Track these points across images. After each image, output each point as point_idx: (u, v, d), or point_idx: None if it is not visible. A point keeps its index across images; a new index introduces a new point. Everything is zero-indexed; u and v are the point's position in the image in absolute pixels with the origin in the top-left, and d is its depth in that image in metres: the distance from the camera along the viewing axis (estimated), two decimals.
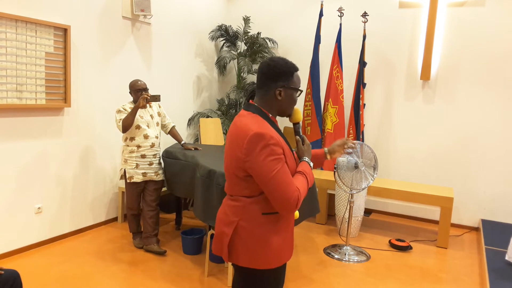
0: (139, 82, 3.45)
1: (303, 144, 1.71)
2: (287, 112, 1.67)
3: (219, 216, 1.68)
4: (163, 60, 4.79)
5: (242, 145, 1.51)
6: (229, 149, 1.60)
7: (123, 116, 3.36)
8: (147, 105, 3.52)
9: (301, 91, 1.65)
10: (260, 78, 1.63)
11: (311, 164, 1.68)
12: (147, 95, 3.31)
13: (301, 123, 1.75)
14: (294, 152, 1.71)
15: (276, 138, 1.52)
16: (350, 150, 1.87)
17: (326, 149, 1.95)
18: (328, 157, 1.94)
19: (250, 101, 1.67)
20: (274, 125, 1.62)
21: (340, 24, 4.82)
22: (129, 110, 3.41)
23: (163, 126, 3.74)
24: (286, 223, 1.65)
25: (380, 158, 5.02)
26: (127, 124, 3.31)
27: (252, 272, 1.62)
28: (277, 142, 1.51)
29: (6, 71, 3.15)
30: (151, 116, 3.53)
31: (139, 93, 3.43)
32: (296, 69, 1.63)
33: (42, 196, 3.55)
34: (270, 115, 1.63)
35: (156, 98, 3.34)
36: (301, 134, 1.73)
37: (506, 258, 3.24)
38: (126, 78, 4.27)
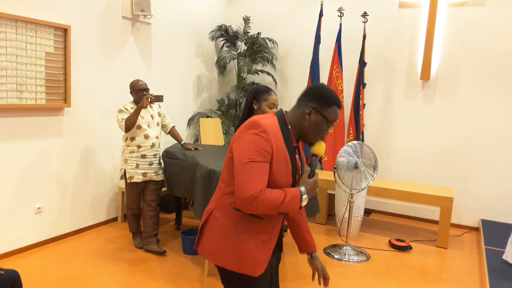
0: (140, 82, 3.45)
1: (309, 177, 1.56)
2: (309, 138, 1.58)
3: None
4: (163, 60, 4.79)
5: (240, 129, 1.52)
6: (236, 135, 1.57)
7: (125, 115, 3.36)
8: (148, 105, 3.52)
9: (332, 125, 1.58)
10: (303, 93, 1.59)
11: (303, 196, 1.50)
12: (151, 95, 3.31)
13: (318, 158, 1.62)
14: (297, 171, 1.62)
15: (272, 136, 1.47)
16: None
17: (313, 254, 1.82)
18: (307, 257, 1.84)
19: (282, 109, 1.62)
20: (287, 135, 1.54)
21: (340, 24, 4.82)
22: (131, 110, 3.41)
23: (163, 126, 3.74)
24: (263, 232, 1.55)
25: (380, 158, 5.02)
26: (130, 124, 3.31)
27: (221, 268, 1.59)
28: (269, 138, 1.46)
29: (6, 71, 3.16)
30: (152, 116, 3.53)
31: (140, 93, 3.43)
32: (339, 105, 1.56)
33: (42, 196, 3.55)
34: (290, 128, 1.56)
35: (159, 99, 3.35)
36: (314, 168, 1.58)
37: (504, 257, 3.24)
38: (126, 78, 4.27)
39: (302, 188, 1.51)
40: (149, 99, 3.30)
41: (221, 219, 1.55)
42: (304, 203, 1.51)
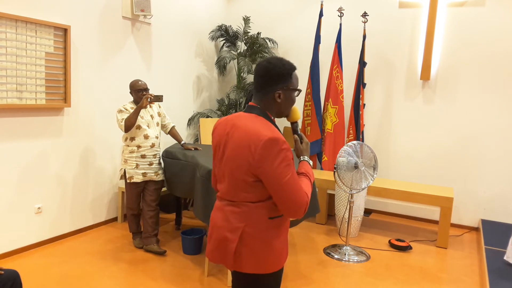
0: (140, 82, 3.45)
1: (301, 143, 1.68)
2: (285, 113, 1.64)
3: (219, 223, 1.61)
4: (163, 60, 4.79)
5: (255, 151, 1.47)
6: (236, 153, 1.53)
7: (125, 115, 3.36)
8: (148, 105, 3.52)
9: (300, 90, 1.63)
10: (258, 81, 1.59)
11: (311, 162, 1.67)
12: (150, 95, 3.31)
13: (299, 121, 1.74)
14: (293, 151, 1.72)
15: (287, 143, 1.52)
16: None
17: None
18: None
19: (250, 103, 1.63)
20: (277, 127, 1.60)
21: (340, 24, 4.82)
22: (130, 110, 3.41)
23: (163, 126, 3.74)
24: (286, 225, 1.65)
25: (380, 158, 5.02)
26: (130, 124, 3.31)
27: (256, 277, 1.59)
28: (289, 147, 1.51)
29: (6, 71, 3.16)
30: (151, 116, 3.53)
31: (140, 93, 3.43)
32: (294, 69, 1.59)
33: (42, 196, 3.55)
34: (272, 118, 1.62)
35: (159, 99, 3.34)
36: (299, 132, 1.70)
37: (505, 258, 3.24)
38: (126, 78, 4.27)
39: (306, 158, 1.67)
40: (148, 99, 3.29)
41: (256, 234, 1.56)
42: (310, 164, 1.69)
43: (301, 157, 1.67)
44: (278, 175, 1.46)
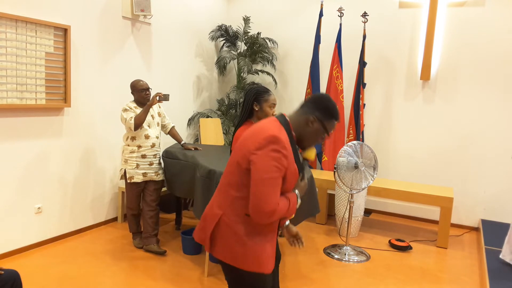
0: (141, 82, 3.46)
1: (301, 181, 1.72)
2: (305, 143, 1.68)
3: (209, 206, 1.72)
4: (163, 60, 4.79)
5: (257, 140, 1.55)
6: (242, 142, 1.62)
7: (131, 114, 3.37)
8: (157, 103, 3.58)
9: (328, 136, 1.69)
10: (308, 100, 1.67)
11: (299, 200, 1.69)
12: (160, 94, 3.37)
13: (306, 162, 1.76)
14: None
15: (289, 150, 1.56)
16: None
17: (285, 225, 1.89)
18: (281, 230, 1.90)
19: (284, 113, 1.69)
20: (293, 143, 1.64)
21: (340, 24, 4.82)
22: (134, 109, 3.42)
23: (163, 126, 3.74)
24: (266, 230, 1.65)
25: (380, 158, 5.02)
26: (140, 122, 3.33)
27: (235, 271, 1.65)
28: (287, 154, 1.54)
29: (6, 71, 3.16)
30: (152, 116, 3.53)
31: (143, 93, 3.44)
32: (338, 119, 1.67)
33: (42, 196, 3.55)
34: (294, 134, 1.65)
35: (167, 98, 3.42)
36: (304, 172, 1.74)
37: (500, 256, 3.24)
38: (126, 78, 4.27)
39: (297, 192, 1.68)
40: (157, 98, 3.34)
41: (233, 225, 1.61)
42: (298, 205, 1.68)
43: (295, 190, 1.69)
44: (263, 168, 1.51)
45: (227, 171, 1.67)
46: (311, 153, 1.71)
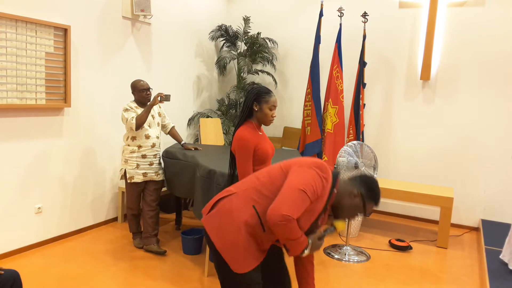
0: (142, 82, 3.46)
1: (318, 239, 1.73)
2: (341, 213, 1.75)
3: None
4: (163, 60, 4.79)
5: (308, 159, 1.70)
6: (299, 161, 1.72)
7: (132, 114, 3.37)
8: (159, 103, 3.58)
9: (364, 215, 1.76)
10: (357, 176, 1.78)
11: (307, 249, 1.67)
12: (162, 94, 3.36)
13: (333, 230, 1.78)
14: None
15: (328, 185, 1.67)
16: None
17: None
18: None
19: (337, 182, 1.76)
20: (329, 196, 1.71)
21: (340, 24, 4.82)
22: (135, 109, 3.42)
23: (163, 127, 3.74)
24: (261, 243, 1.68)
25: (380, 158, 5.02)
26: (141, 122, 3.33)
27: (222, 262, 1.67)
28: (326, 186, 1.64)
29: (6, 71, 3.16)
30: (152, 116, 3.53)
31: (144, 93, 3.44)
32: (377, 204, 1.75)
33: (42, 196, 3.55)
34: (335, 192, 1.72)
35: (168, 98, 3.41)
36: (325, 234, 1.75)
37: (501, 257, 3.24)
38: (126, 78, 4.27)
39: (310, 241, 1.69)
40: (159, 98, 3.34)
41: (235, 208, 1.66)
42: (304, 254, 1.66)
43: (309, 239, 1.70)
44: (301, 181, 1.59)
45: (266, 172, 1.74)
46: (342, 225, 1.75)
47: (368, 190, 1.71)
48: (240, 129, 2.36)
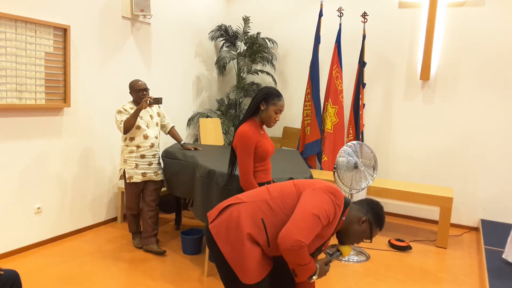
0: (139, 82, 3.45)
1: (325, 264, 1.76)
2: (347, 238, 1.77)
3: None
4: (163, 60, 4.79)
5: (322, 183, 1.70)
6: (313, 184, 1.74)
7: (124, 117, 3.35)
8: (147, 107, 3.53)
9: (369, 241, 1.79)
10: (366, 202, 1.79)
11: (315, 275, 1.68)
12: (150, 98, 3.30)
13: (339, 256, 1.81)
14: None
15: (339, 213, 1.67)
16: None
17: None
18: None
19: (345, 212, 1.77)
20: (337, 222, 1.72)
21: (340, 24, 4.83)
22: (130, 110, 3.40)
23: (163, 126, 3.74)
24: (266, 256, 1.68)
25: (380, 158, 5.02)
26: (129, 126, 3.31)
27: (226, 264, 1.66)
28: (337, 213, 1.65)
29: (6, 71, 3.15)
30: (151, 116, 3.53)
31: (140, 93, 3.43)
32: (381, 229, 1.79)
33: (42, 196, 3.55)
34: (343, 219, 1.74)
35: (158, 101, 3.34)
36: (331, 259, 1.79)
37: (503, 256, 3.24)
38: (126, 78, 4.27)
39: (318, 266, 1.71)
40: (147, 102, 3.29)
41: (243, 219, 1.65)
42: (312, 279, 1.67)
43: (317, 264, 1.72)
44: (315, 205, 1.58)
45: (278, 187, 1.75)
46: (348, 250, 1.77)
47: (376, 216, 1.74)
48: (243, 126, 2.36)
